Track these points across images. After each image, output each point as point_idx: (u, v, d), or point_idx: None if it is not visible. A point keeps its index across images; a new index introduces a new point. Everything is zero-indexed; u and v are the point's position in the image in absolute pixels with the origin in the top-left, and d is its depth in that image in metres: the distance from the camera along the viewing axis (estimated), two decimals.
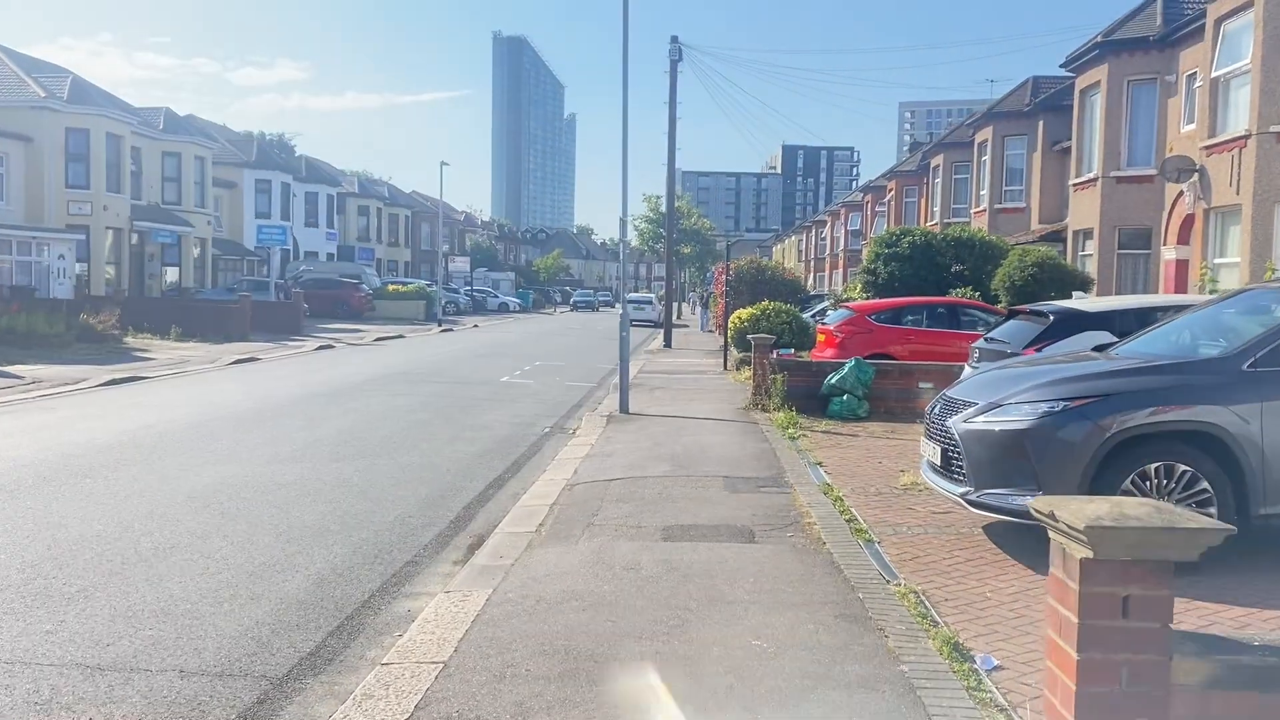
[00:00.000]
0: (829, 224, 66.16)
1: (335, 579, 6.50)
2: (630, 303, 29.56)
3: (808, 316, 23.69)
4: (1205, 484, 6.23)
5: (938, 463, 7.15)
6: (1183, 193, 20.23)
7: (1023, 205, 30.90)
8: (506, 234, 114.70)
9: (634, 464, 10.18)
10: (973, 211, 33.62)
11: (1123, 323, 9.93)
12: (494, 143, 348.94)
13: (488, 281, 74.89)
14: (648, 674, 4.65)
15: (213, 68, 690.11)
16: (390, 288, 51.62)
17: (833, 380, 13.78)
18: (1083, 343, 9.32)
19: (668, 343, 31.46)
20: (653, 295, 57.87)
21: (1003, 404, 6.72)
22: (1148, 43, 21.87)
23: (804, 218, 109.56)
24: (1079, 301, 13.59)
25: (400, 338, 34.25)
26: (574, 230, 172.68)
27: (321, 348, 28.49)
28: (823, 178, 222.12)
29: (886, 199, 48.19)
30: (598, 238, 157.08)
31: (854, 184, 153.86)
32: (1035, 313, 11.29)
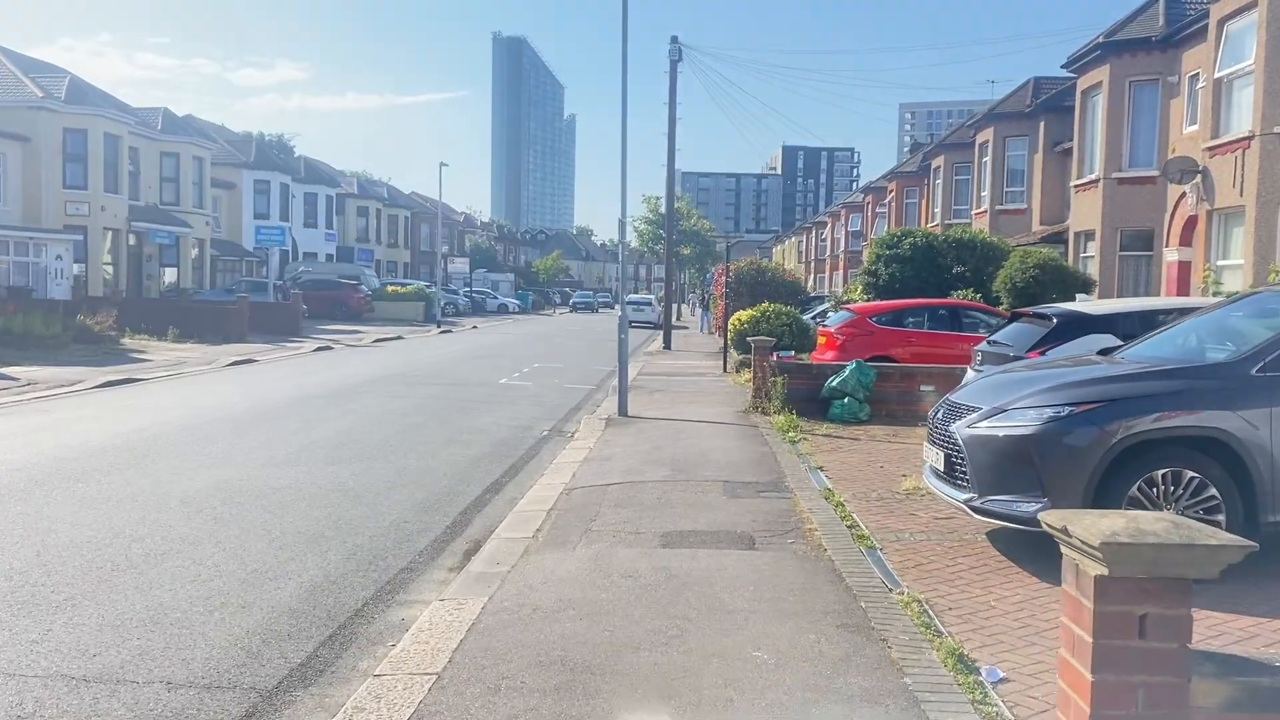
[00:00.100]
0: (829, 225, 66.05)
1: (328, 586, 6.39)
2: (629, 304, 29.43)
3: (808, 318, 23.62)
4: (1214, 491, 6.13)
5: (941, 468, 7.05)
6: (1185, 194, 20.12)
7: (1024, 206, 30.81)
8: (506, 235, 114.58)
9: (632, 468, 10.08)
10: (974, 213, 33.52)
11: (1127, 326, 9.82)
12: (494, 143, 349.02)
13: (487, 283, 74.77)
14: (646, 687, 4.54)
15: (213, 68, 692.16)
16: (389, 289, 51.47)
17: (833, 383, 13.68)
18: (1087, 346, 9.21)
19: (667, 344, 31.36)
20: (652, 296, 57.73)
21: (1007, 409, 6.61)
22: (1150, 43, 21.76)
23: (804, 219, 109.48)
24: (1083, 304, 13.47)
25: (399, 339, 34.15)
26: (573, 231, 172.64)
27: (320, 349, 28.39)
28: (823, 179, 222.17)
29: (887, 200, 48.08)
30: (597, 239, 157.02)
31: (854, 185, 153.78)
32: (1038, 315, 11.17)
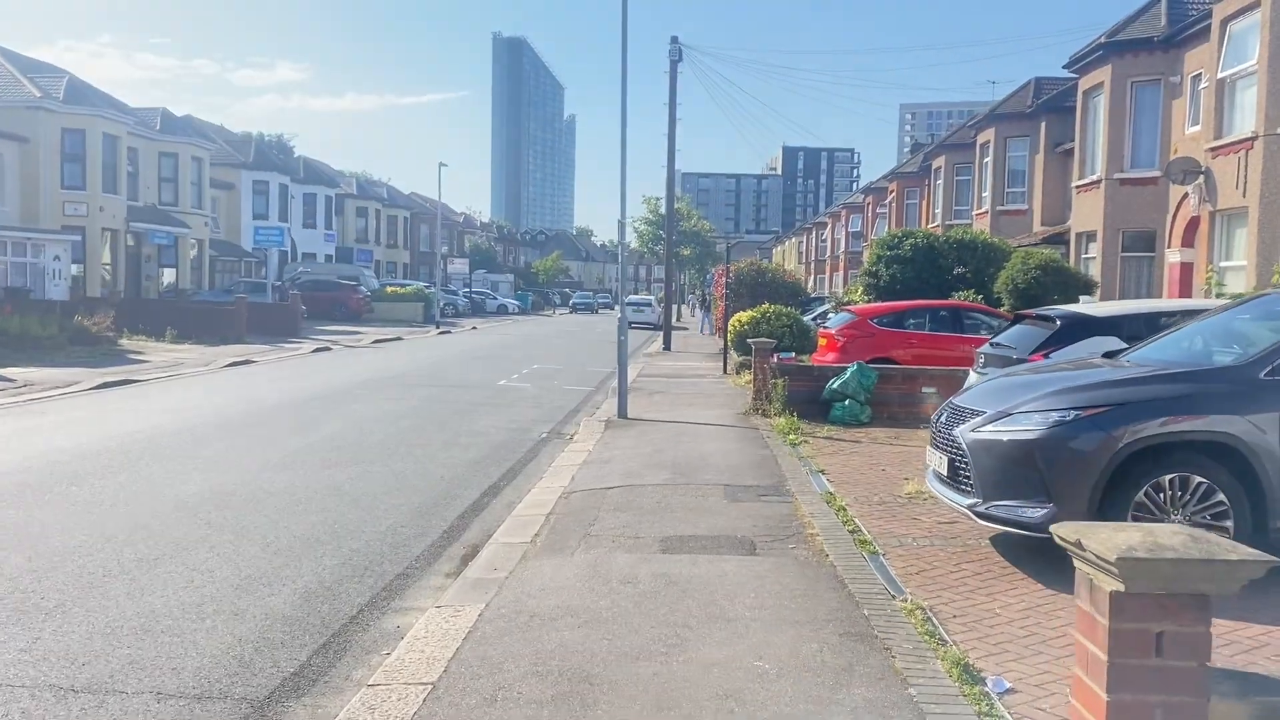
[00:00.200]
0: (829, 226, 65.99)
1: (323, 593, 6.30)
2: (629, 305, 29.32)
3: (808, 319, 23.51)
4: (1221, 496, 6.04)
5: (944, 473, 6.95)
6: (1187, 195, 20.03)
7: (1025, 207, 30.72)
8: (506, 235, 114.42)
9: (632, 471, 9.99)
10: (974, 213, 33.43)
11: (1131, 328, 9.72)
12: (493, 144, 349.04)
13: (486, 283, 74.66)
14: (645, 699, 4.45)
15: (213, 69, 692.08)
16: (388, 289, 51.33)
17: (834, 385, 13.59)
18: (1091, 348, 9.12)
19: (667, 345, 31.27)
20: (652, 297, 57.62)
21: (1011, 413, 6.52)
22: (1152, 43, 21.67)
23: (804, 219, 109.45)
24: (1086, 306, 13.37)
25: (398, 340, 34.04)
26: (573, 232, 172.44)
27: (318, 350, 28.29)
28: (823, 179, 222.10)
29: (888, 201, 47.99)
30: (597, 239, 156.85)
31: (854, 186, 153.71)
32: (1042, 317, 11.07)
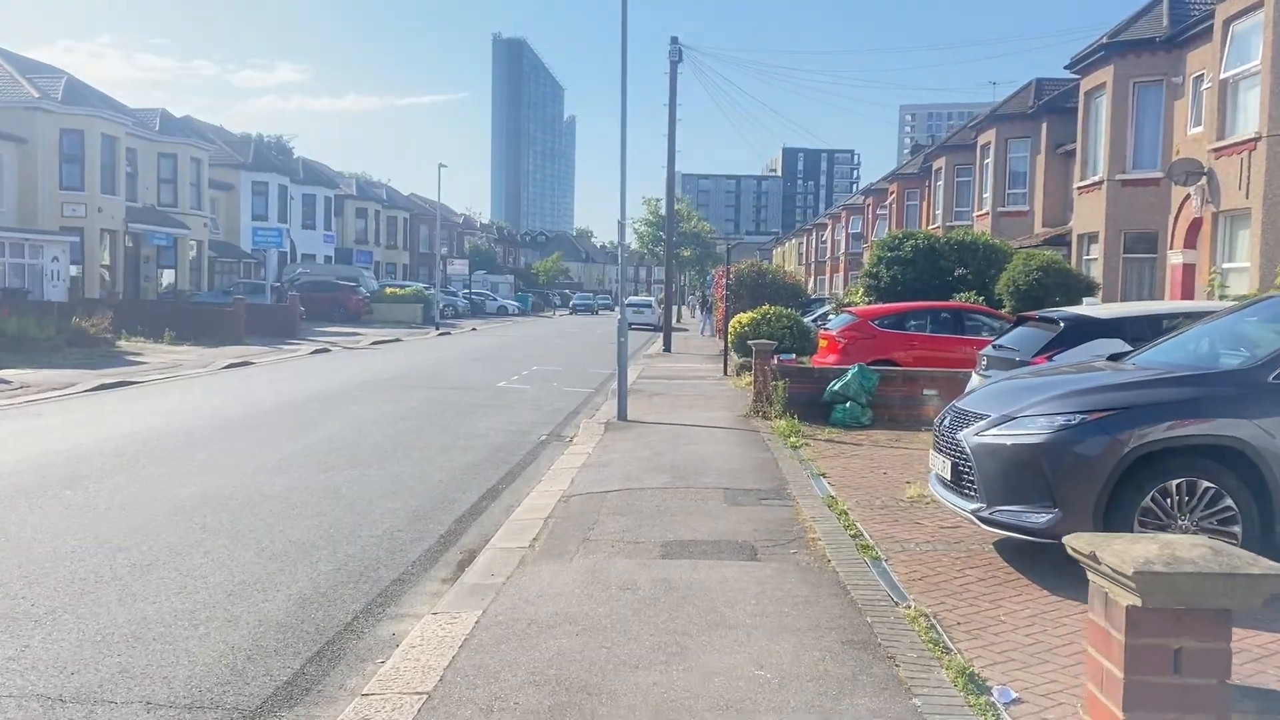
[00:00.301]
0: (829, 227, 65.89)
1: (318, 599, 6.20)
2: (629, 306, 29.21)
3: (809, 321, 23.42)
4: (1229, 502, 5.94)
5: (948, 477, 6.86)
6: (1190, 196, 19.94)
7: (1026, 208, 30.63)
8: (505, 237, 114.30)
9: (632, 475, 9.89)
10: (975, 215, 33.34)
11: (1136, 330, 9.63)
12: (493, 145, 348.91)
13: (486, 284, 74.57)
14: (644, 709, 4.35)
15: (213, 70, 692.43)
16: (388, 290, 51.23)
17: (835, 387, 13.50)
18: (1095, 351, 9.02)
19: (667, 347, 31.18)
20: (652, 299, 57.49)
21: (1016, 416, 6.42)
22: (1154, 44, 21.57)
23: (804, 221, 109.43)
24: (1090, 308, 13.27)
25: (397, 341, 33.95)
26: (573, 233, 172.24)
27: (317, 351, 28.20)
28: (823, 181, 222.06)
29: (888, 202, 47.90)
30: (597, 240, 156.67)
31: (854, 187, 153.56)
32: (1045, 319, 10.96)
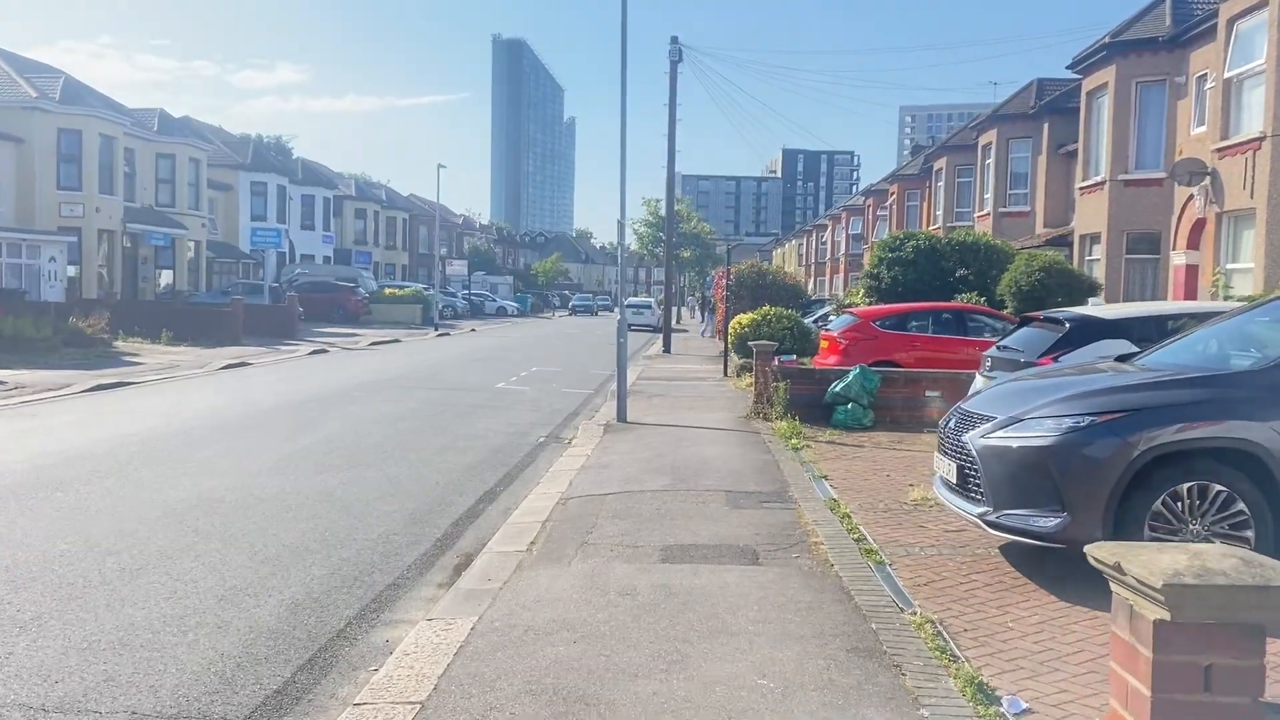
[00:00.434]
0: (830, 228, 65.77)
1: (310, 605, 6.07)
2: (629, 307, 29.11)
3: (809, 322, 23.30)
4: (1241, 505, 5.81)
5: (953, 481, 6.72)
6: (1193, 196, 19.82)
7: (1027, 209, 30.50)
8: (505, 237, 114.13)
9: (631, 477, 9.77)
10: (976, 215, 33.22)
11: (1142, 331, 9.51)
12: (493, 146, 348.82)
13: (486, 285, 74.46)
14: None
15: (212, 70, 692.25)
16: (387, 291, 51.10)
17: (837, 388, 13.37)
18: (1101, 352, 8.89)
19: (667, 348, 31.05)
20: (652, 300, 57.39)
21: (1023, 418, 6.29)
22: (1157, 43, 21.46)
23: (804, 222, 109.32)
24: (1095, 308, 13.15)
25: (396, 342, 33.82)
26: (573, 234, 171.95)
27: (315, 352, 28.07)
28: (823, 182, 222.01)
29: (888, 203, 47.77)
30: (597, 241, 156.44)
31: (854, 188, 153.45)
32: (1050, 320, 10.83)
